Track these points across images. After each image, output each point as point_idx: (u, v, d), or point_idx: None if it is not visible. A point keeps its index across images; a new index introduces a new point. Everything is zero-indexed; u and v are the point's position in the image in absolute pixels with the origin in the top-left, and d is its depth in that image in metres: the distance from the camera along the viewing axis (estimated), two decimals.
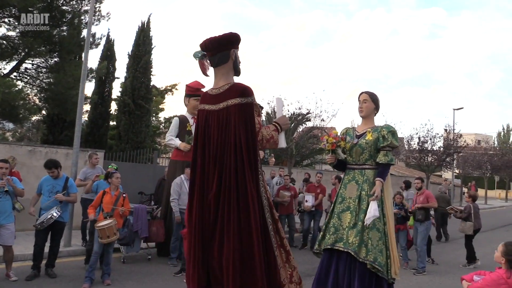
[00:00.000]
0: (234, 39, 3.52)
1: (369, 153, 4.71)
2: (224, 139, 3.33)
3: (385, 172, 4.68)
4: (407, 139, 23.30)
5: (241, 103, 3.33)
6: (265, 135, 3.45)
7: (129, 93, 16.72)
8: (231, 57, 3.49)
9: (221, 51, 3.45)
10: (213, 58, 3.49)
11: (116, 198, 6.34)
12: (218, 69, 3.52)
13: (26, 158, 9.88)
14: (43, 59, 13.62)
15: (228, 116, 3.33)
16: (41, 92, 13.94)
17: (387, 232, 4.52)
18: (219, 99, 3.42)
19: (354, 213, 4.55)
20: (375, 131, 4.75)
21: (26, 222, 8.24)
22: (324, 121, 16.06)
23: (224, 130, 3.34)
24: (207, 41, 3.49)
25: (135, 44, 17.33)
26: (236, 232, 3.18)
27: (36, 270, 6.18)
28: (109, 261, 6.15)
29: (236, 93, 3.37)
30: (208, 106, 3.50)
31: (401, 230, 8.18)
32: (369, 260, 4.33)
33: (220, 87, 3.47)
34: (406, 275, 7.51)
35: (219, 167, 3.32)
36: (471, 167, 33.66)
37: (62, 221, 6.42)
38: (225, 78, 3.50)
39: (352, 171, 4.80)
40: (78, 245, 8.28)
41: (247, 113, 3.33)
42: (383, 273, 4.36)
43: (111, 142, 17.92)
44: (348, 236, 4.48)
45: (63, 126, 15.42)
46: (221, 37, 3.46)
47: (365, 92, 4.90)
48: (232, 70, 3.54)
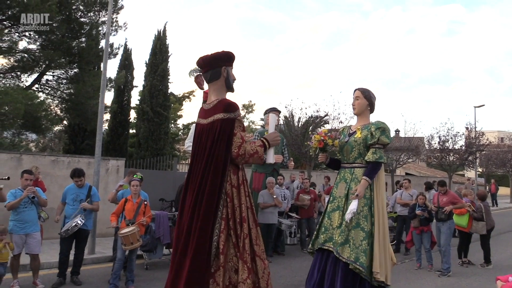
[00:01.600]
0: (226, 57, 3.69)
1: (358, 151, 4.62)
2: (208, 151, 3.50)
3: (374, 171, 4.51)
4: (427, 138, 22.97)
5: (223, 118, 3.49)
6: (248, 150, 3.53)
7: (148, 101, 16.93)
8: (223, 74, 3.66)
9: (212, 68, 3.64)
10: (206, 74, 3.70)
11: (137, 205, 6.42)
12: (211, 85, 3.71)
13: (49, 168, 10.08)
14: (63, 71, 13.91)
15: (212, 130, 3.51)
16: (62, 102, 14.24)
17: (374, 232, 4.37)
18: (209, 113, 3.61)
19: (342, 213, 4.50)
20: (365, 129, 4.64)
21: (51, 231, 8.40)
22: (342, 123, 15.95)
23: (208, 143, 3.52)
24: (201, 58, 3.71)
25: (152, 52, 17.56)
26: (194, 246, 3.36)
27: (62, 278, 6.29)
28: (132, 267, 6.22)
29: (220, 108, 3.54)
30: (201, 120, 3.71)
31: (425, 231, 8.05)
32: (351, 259, 4.25)
33: (211, 102, 3.66)
34: (430, 277, 7.39)
35: (201, 177, 3.50)
36: (494, 165, 32.89)
37: (86, 229, 6.53)
38: (216, 93, 3.68)
39: (343, 169, 4.75)
40: (102, 253, 8.40)
41: (227, 127, 3.48)
42: (366, 275, 4.25)
43: (131, 150, 18.15)
44: (335, 235, 4.44)
45: (84, 135, 15.70)
46: (212, 55, 3.66)
47: (358, 89, 4.82)
48: (224, 87, 3.70)
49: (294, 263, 8.37)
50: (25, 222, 5.94)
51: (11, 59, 12.86)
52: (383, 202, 4.61)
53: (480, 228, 8.52)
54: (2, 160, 9.53)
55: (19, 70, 13.08)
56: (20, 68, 12.97)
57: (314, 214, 10.24)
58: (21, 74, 13.40)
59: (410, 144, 21.15)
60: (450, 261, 7.72)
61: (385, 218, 4.54)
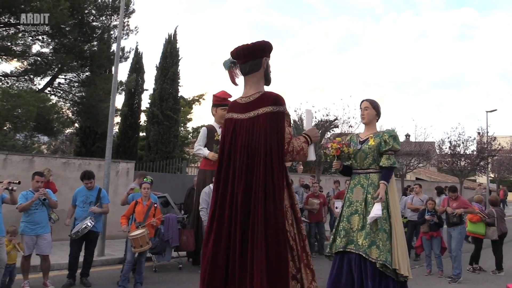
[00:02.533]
0: (267, 47, 3.45)
1: (372, 157, 5.00)
2: (254, 148, 3.21)
3: (389, 175, 4.93)
4: (438, 143, 22.79)
5: (273, 111, 3.22)
6: (295, 147, 3.31)
7: (158, 104, 17.02)
8: (263, 65, 3.42)
9: (253, 58, 3.38)
10: (244, 65, 3.42)
11: (147, 208, 6.46)
12: (248, 77, 3.44)
13: (60, 170, 10.18)
14: (75, 74, 14.06)
15: (258, 125, 3.22)
16: (73, 105, 14.38)
17: (392, 232, 4.74)
18: (250, 107, 3.33)
19: (362, 216, 4.83)
20: (377, 137, 5.05)
21: (61, 232, 8.48)
22: (352, 127, 15.93)
23: (253, 138, 3.23)
24: (239, 48, 3.41)
25: (163, 56, 17.67)
26: (264, 246, 3.02)
27: (71, 279, 6.35)
28: (141, 270, 6.25)
29: (268, 101, 3.27)
30: (236, 115, 3.40)
31: (435, 237, 7.97)
32: (381, 259, 4.56)
33: (251, 95, 3.38)
34: (441, 284, 7.31)
35: (247, 176, 3.21)
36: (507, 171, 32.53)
37: (96, 231, 6.58)
38: (255, 86, 3.41)
39: (358, 175, 5.10)
40: (112, 254, 8.45)
41: (278, 122, 3.22)
42: (391, 272, 4.60)
43: (141, 153, 18.25)
44: (358, 238, 4.76)
45: (95, 138, 15.83)
46: (253, 45, 3.39)
47: (366, 100, 5.26)
48: (262, 79, 3.46)
49: None
50: (36, 223, 6.00)
51: (25, 63, 13.04)
52: (397, 203, 5.00)
53: (491, 233, 8.45)
54: (15, 162, 9.65)
55: (32, 73, 13.25)
56: (33, 72, 13.14)
57: (323, 218, 10.20)
58: (34, 77, 13.56)
59: (420, 148, 21.01)
60: (461, 267, 7.63)
61: (399, 217, 4.93)
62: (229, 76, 3.53)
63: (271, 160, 3.14)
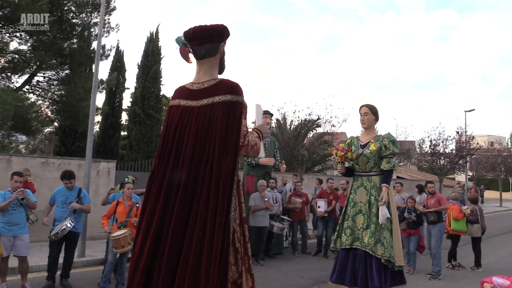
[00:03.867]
0: (226, 32, 3.15)
1: (374, 161, 5.47)
2: (205, 138, 2.91)
3: (389, 177, 5.46)
4: (418, 142, 23.12)
5: (231, 100, 2.93)
6: (250, 141, 3.06)
7: (139, 103, 16.88)
8: (220, 50, 3.12)
9: (210, 42, 3.07)
10: (200, 48, 3.08)
11: (129, 208, 6.38)
12: (203, 62, 3.11)
13: (39, 170, 9.98)
14: (54, 72, 13.81)
15: (212, 114, 2.93)
16: (53, 104, 14.13)
17: (392, 229, 5.32)
18: (203, 95, 3.01)
19: (366, 216, 5.34)
20: (377, 141, 5.50)
21: (40, 233, 8.31)
22: (335, 127, 16.01)
23: (206, 128, 2.93)
24: (197, 28, 3.08)
25: (144, 54, 17.52)
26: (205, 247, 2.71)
27: (51, 281, 6.22)
28: (123, 270, 6.17)
29: (225, 90, 2.97)
30: (185, 101, 3.07)
31: (413, 234, 8.07)
32: (386, 256, 5.11)
33: (204, 81, 3.05)
34: (421, 280, 7.41)
35: (193, 167, 2.89)
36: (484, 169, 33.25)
37: (76, 232, 6.46)
38: (210, 72, 3.10)
39: (360, 177, 5.56)
40: (93, 255, 8.33)
41: (236, 112, 2.93)
42: (393, 265, 5.19)
43: (123, 152, 18.07)
44: (363, 236, 5.27)
45: (75, 137, 15.60)
46: (212, 27, 3.08)
47: (365, 105, 5.64)
48: (217, 65, 3.16)
49: (285, 266, 8.36)
50: (13, 224, 5.87)
51: (2, 60, 12.75)
52: (394, 203, 5.55)
53: (475, 230, 8.61)
54: None
55: (10, 71, 12.96)
56: (10, 69, 12.85)
57: (306, 217, 10.24)
58: (11, 75, 13.27)
59: (401, 147, 21.28)
60: (441, 264, 7.76)
61: (396, 215, 5.51)
62: (181, 52, 3.19)
63: (226, 153, 2.85)
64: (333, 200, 9.83)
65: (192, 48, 3.11)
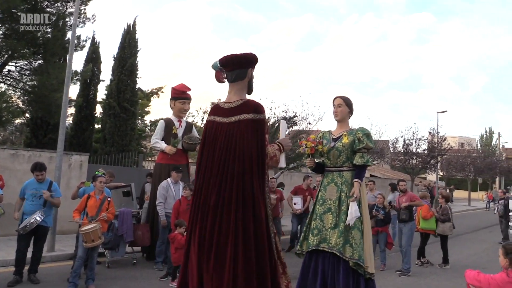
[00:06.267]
0: (254, 60, 3.77)
1: (346, 155, 4.90)
2: (231, 150, 3.48)
3: (362, 173, 4.89)
4: (392, 141, 23.53)
5: (254, 118, 3.52)
6: (269, 152, 3.63)
7: (115, 95, 16.59)
8: (248, 75, 3.72)
9: (240, 68, 3.68)
10: (231, 73, 3.71)
11: (100, 202, 6.28)
12: (233, 84, 3.72)
13: (8, 161, 9.72)
14: (26, 61, 13.41)
15: (239, 129, 3.51)
16: (24, 94, 13.74)
17: (363, 230, 4.73)
18: (232, 113, 3.60)
19: (335, 214, 4.74)
20: (351, 134, 4.95)
21: (8, 227, 8.11)
22: (311, 124, 16.11)
23: (232, 141, 3.50)
24: (229, 57, 3.71)
25: (121, 46, 17.22)
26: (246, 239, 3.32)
27: (18, 276, 6.08)
28: (93, 265, 6.08)
29: (249, 109, 3.56)
30: (218, 118, 3.67)
31: (380, 232, 8.21)
32: (355, 258, 4.53)
33: (234, 101, 3.65)
34: (391, 277, 7.57)
35: (223, 174, 3.46)
36: (454, 169, 34.16)
37: (46, 226, 6.32)
38: (239, 94, 3.70)
39: (331, 173, 4.99)
40: (62, 250, 8.18)
41: (259, 128, 3.52)
42: (362, 270, 4.58)
43: (96, 146, 17.75)
44: (331, 236, 4.68)
45: (47, 129, 15.21)
46: (242, 56, 3.70)
47: (339, 96, 5.11)
48: (246, 87, 3.75)
49: None
50: None
51: None
52: (366, 202, 4.99)
53: (448, 229, 8.84)
54: None
55: None
56: None
57: (280, 214, 10.30)
58: None
59: (375, 146, 21.61)
60: (411, 262, 7.94)
61: (368, 216, 4.93)
62: (216, 76, 3.83)
63: (250, 162, 3.42)
64: (309, 196, 9.91)
65: (225, 72, 3.75)
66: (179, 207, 6.82)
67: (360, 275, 4.60)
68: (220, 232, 3.33)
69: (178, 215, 6.70)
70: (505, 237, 12.79)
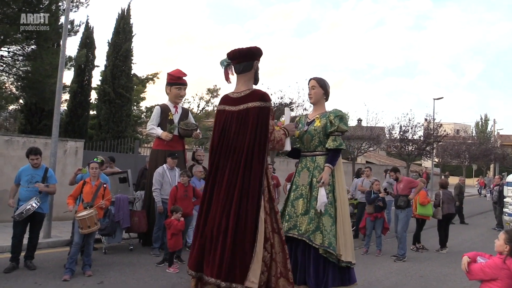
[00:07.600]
0: (259, 53, 4.19)
1: (319, 139, 4.77)
2: (242, 134, 3.97)
3: (335, 157, 4.72)
4: (388, 128, 23.54)
5: (260, 106, 3.96)
6: (276, 137, 4.05)
7: (109, 81, 16.46)
8: (254, 67, 4.17)
9: (246, 60, 4.12)
10: (238, 66, 4.15)
11: (96, 188, 6.24)
12: (241, 76, 4.18)
13: (3, 148, 9.64)
14: (19, 47, 13.21)
15: (247, 116, 3.97)
16: (18, 80, 13.57)
17: (337, 216, 4.58)
18: (240, 101, 4.06)
19: (306, 200, 4.65)
20: (323, 117, 4.80)
21: (3, 214, 8.07)
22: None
23: (241, 127, 3.98)
24: (236, 51, 4.13)
25: (115, 31, 17.04)
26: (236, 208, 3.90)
27: (14, 262, 6.06)
28: (90, 252, 6.07)
29: (256, 97, 4.01)
30: (228, 107, 4.15)
31: (378, 218, 8.27)
32: (324, 245, 4.41)
33: (242, 91, 4.12)
34: (386, 262, 7.63)
35: (233, 156, 4.00)
36: (450, 156, 34.29)
37: (42, 212, 6.29)
38: (246, 84, 4.17)
39: (305, 158, 4.89)
40: (59, 236, 8.16)
41: (264, 115, 3.96)
42: (335, 258, 4.46)
43: (91, 132, 17.67)
44: (301, 223, 4.58)
45: (42, 115, 15.10)
46: (248, 49, 4.12)
47: (313, 78, 4.94)
48: (252, 79, 4.21)
49: None
50: None
51: None
52: (343, 187, 4.82)
53: (436, 213, 8.96)
54: None
55: None
56: None
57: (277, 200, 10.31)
58: None
59: (371, 133, 21.63)
60: (406, 247, 8.00)
61: (345, 202, 4.73)
62: (224, 74, 4.25)
63: (253, 145, 3.91)
64: None
65: (233, 65, 4.20)
66: (176, 193, 6.80)
67: (331, 263, 4.46)
68: (230, 184, 3.96)
69: (175, 201, 6.68)
70: (499, 223, 12.90)
